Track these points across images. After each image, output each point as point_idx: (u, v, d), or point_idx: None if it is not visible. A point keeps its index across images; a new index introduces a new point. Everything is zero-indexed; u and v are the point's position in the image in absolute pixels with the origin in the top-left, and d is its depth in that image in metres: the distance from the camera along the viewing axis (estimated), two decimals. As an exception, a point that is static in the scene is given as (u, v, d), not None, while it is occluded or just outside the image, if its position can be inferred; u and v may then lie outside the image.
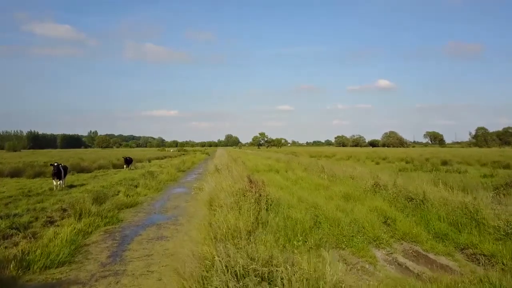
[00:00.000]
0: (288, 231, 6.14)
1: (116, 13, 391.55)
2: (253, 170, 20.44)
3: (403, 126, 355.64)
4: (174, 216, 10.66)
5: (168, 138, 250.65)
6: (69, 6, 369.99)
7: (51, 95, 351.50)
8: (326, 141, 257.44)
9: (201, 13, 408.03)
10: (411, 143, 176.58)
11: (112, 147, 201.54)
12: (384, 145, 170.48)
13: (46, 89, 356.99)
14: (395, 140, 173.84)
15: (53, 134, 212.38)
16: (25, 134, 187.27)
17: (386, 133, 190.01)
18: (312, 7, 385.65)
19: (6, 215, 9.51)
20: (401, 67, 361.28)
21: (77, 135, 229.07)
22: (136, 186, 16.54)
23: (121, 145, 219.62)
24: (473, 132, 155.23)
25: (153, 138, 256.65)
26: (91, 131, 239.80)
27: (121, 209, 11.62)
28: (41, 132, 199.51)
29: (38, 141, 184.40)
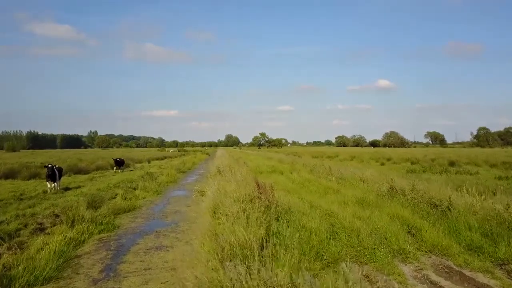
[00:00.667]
0: (303, 244, 5.42)
1: (116, 13, 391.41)
2: (256, 172, 19.73)
3: (403, 126, 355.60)
4: (175, 222, 9.94)
5: (168, 138, 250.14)
6: (69, 6, 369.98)
7: (51, 95, 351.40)
8: (326, 141, 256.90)
9: (201, 13, 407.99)
10: (412, 143, 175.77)
11: (112, 147, 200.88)
12: (385, 145, 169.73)
13: (46, 89, 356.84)
14: (396, 140, 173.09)
15: (53, 134, 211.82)
16: (25, 134, 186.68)
17: (387, 133, 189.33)
18: (312, 7, 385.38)
19: (-7, 222, 8.81)
20: (401, 67, 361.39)
21: (77, 135, 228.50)
22: (135, 189, 15.82)
23: (121, 145, 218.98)
24: (475, 132, 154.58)
25: (153, 138, 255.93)
26: (91, 131, 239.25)
27: (118, 214, 10.90)
28: (41, 132, 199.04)
29: (38, 141, 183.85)
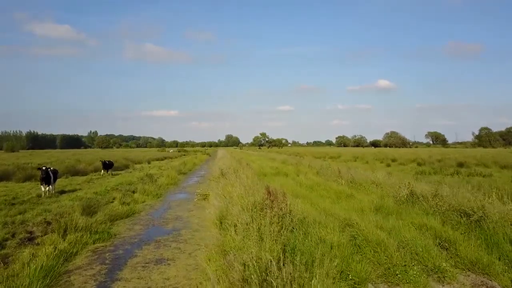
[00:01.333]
0: (325, 261, 4.68)
1: (116, 13, 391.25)
2: (260, 173, 18.99)
3: (403, 126, 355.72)
4: (176, 230, 9.21)
5: (168, 138, 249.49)
6: (69, 6, 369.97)
7: (51, 95, 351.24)
8: (327, 141, 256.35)
9: (201, 13, 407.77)
10: (413, 143, 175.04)
11: (112, 148, 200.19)
12: (386, 145, 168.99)
13: (46, 89, 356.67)
14: (398, 141, 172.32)
15: (53, 135, 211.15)
16: (24, 135, 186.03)
17: (388, 133, 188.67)
18: (312, 7, 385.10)
19: (-22, 231, 8.08)
20: (401, 67, 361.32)
21: (77, 135, 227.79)
22: (134, 192, 15.11)
23: (121, 146, 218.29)
24: (476, 132, 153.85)
25: (153, 138, 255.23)
26: (91, 131, 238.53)
27: (115, 221, 10.18)
28: (41, 133, 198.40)
29: (38, 142, 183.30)
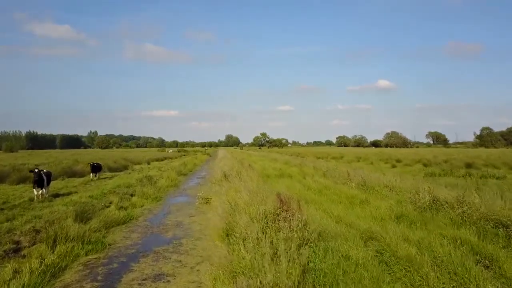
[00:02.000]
0: (351, 285, 3.96)
1: (116, 13, 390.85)
2: (263, 175, 18.26)
3: (403, 126, 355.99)
4: (176, 238, 8.48)
5: (168, 138, 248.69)
6: (69, 6, 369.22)
7: (51, 95, 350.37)
8: (327, 141, 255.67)
9: (201, 13, 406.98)
10: (414, 143, 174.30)
11: (112, 148, 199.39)
12: (387, 145, 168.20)
13: (46, 89, 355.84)
14: (399, 140, 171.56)
15: (53, 135, 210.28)
16: (24, 135, 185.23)
17: (388, 133, 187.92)
18: (312, 7, 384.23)
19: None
20: (401, 67, 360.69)
21: (77, 136, 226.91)
22: (132, 195, 14.37)
23: (121, 146, 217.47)
24: (478, 132, 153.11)
25: (153, 138, 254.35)
26: (91, 131, 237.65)
27: (111, 228, 9.44)
28: (41, 133, 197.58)
29: (37, 142, 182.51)
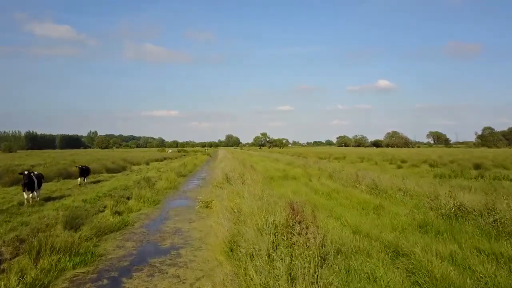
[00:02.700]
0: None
1: (116, 13, 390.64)
2: (266, 177, 17.50)
3: (403, 126, 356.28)
4: (174, 248, 7.74)
5: (168, 138, 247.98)
6: (69, 7, 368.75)
7: (51, 95, 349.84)
8: (327, 141, 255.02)
9: (201, 13, 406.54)
10: (416, 143, 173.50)
11: (112, 148, 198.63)
12: (388, 145, 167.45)
13: (46, 89, 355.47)
14: (400, 140, 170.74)
15: (52, 135, 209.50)
16: (23, 135, 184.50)
17: (389, 133, 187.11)
18: (312, 7, 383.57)
19: None
20: (401, 67, 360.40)
21: (77, 136, 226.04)
22: (129, 198, 13.63)
23: (121, 146, 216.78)
24: (479, 132, 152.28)
25: (153, 139, 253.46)
26: (91, 131, 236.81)
27: (103, 235, 8.70)
28: (40, 133, 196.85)
29: (37, 142, 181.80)
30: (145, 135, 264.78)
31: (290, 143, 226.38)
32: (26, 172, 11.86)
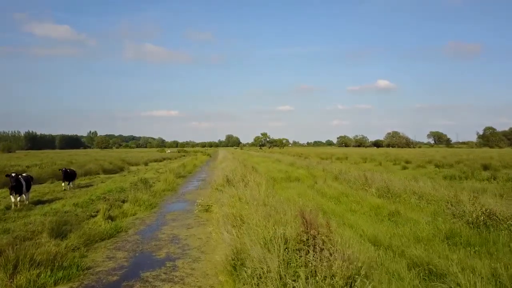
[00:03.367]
0: None
1: (116, 13, 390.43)
2: (269, 178, 16.74)
3: (403, 126, 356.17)
4: (171, 259, 6.99)
5: (169, 139, 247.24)
6: (69, 7, 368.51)
7: (51, 95, 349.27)
8: (327, 141, 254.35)
9: (201, 13, 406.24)
10: (417, 144, 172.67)
11: (112, 148, 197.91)
12: (389, 145, 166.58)
13: (46, 89, 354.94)
14: (401, 140, 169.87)
15: (52, 135, 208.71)
16: (23, 135, 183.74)
17: (390, 133, 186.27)
18: (312, 7, 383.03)
19: None
20: (401, 67, 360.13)
21: (76, 136, 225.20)
22: (124, 201, 12.89)
23: (121, 146, 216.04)
24: (480, 132, 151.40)
25: (153, 139, 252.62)
26: (91, 132, 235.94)
27: (93, 244, 7.97)
28: (40, 133, 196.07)
29: (37, 142, 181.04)
30: (145, 135, 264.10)
31: (290, 143, 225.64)
32: (14, 174, 11.11)
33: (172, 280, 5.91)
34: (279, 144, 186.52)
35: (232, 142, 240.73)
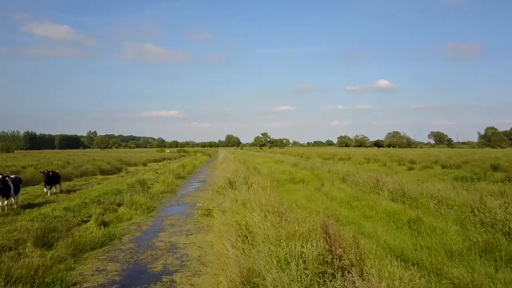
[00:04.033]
0: None
1: (116, 14, 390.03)
2: (272, 180, 15.98)
3: (403, 126, 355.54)
4: (167, 273, 6.25)
5: (168, 139, 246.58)
6: (68, 7, 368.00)
7: (51, 95, 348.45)
8: (327, 141, 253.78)
9: (201, 13, 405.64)
10: (418, 144, 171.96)
11: (111, 148, 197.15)
12: (390, 145, 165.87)
13: (46, 89, 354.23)
14: (402, 140, 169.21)
15: (51, 135, 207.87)
16: (22, 135, 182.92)
17: (390, 133, 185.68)
18: (312, 7, 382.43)
19: None
20: (401, 67, 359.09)
21: (76, 136, 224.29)
22: (120, 205, 12.18)
23: (121, 146, 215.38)
24: (481, 132, 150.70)
25: (153, 139, 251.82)
26: (90, 132, 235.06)
27: (83, 254, 7.24)
28: (39, 133, 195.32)
29: (36, 142, 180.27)
30: (145, 135, 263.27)
31: (291, 143, 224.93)
32: (0, 177, 10.36)
33: (169, 299, 5.18)
34: (280, 144, 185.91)
35: (232, 142, 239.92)
